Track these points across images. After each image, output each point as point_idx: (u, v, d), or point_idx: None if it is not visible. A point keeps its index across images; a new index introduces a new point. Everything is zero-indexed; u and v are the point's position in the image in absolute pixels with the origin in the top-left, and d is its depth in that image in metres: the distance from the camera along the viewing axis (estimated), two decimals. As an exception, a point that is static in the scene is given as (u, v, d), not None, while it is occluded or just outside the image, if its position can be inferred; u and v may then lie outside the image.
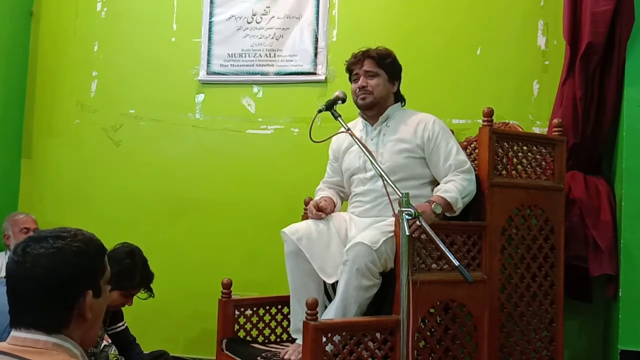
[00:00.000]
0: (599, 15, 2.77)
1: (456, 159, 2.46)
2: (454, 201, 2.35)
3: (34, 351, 1.19)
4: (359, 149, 2.53)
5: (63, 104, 3.84)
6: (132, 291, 2.56)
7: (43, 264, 1.22)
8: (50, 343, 1.20)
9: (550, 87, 3.12)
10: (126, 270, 2.48)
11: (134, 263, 2.54)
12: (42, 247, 1.23)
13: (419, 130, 2.51)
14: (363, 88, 2.53)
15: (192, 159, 3.63)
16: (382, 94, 2.55)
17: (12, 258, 1.26)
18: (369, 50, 2.56)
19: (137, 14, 3.78)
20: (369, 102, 2.54)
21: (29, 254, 1.23)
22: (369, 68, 2.54)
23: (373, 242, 2.24)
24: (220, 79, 3.62)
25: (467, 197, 2.40)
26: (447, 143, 2.49)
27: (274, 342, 2.73)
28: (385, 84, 2.55)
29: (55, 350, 1.20)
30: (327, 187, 2.77)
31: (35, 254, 1.23)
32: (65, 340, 1.23)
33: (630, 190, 2.65)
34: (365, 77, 2.54)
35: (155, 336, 3.34)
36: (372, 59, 2.54)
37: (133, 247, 2.60)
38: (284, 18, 3.55)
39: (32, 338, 1.20)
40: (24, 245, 1.25)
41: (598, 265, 2.74)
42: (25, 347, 1.19)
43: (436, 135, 2.49)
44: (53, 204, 3.78)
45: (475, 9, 3.33)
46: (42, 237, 1.26)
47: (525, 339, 2.52)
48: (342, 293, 2.27)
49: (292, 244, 2.44)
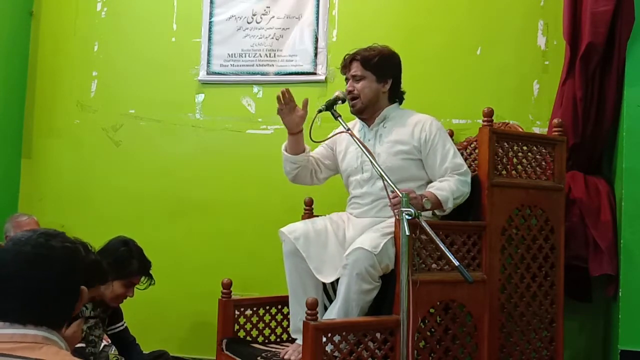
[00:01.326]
0: (599, 15, 2.77)
1: (452, 161, 2.45)
2: (445, 200, 2.34)
3: (22, 346, 1.18)
4: (356, 151, 2.55)
5: (63, 104, 3.83)
6: (133, 279, 2.56)
7: (59, 256, 1.26)
8: (39, 336, 1.21)
9: (550, 87, 3.12)
10: (123, 258, 2.51)
11: (130, 250, 2.56)
12: (65, 241, 1.29)
13: (416, 131, 2.49)
14: (350, 92, 2.52)
15: (192, 159, 3.63)
16: (370, 97, 2.53)
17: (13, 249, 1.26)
18: (356, 53, 2.54)
19: (137, 14, 3.78)
20: (358, 108, 2.54)
21: (54, 248, 1.26)
22: (355, 72, 2.53)
23: (373, 246, 2.23)
24: (220, 79, 3.61)
25: (460, 199, 2.40)
26: (443, 145, 2.47)
27: (274, 342, 2.73)
28: (372, 86, 2.52)
29: (46, 344, 1.21)
30: None
31: (57, 246, 1.27)
32: (52, 334, 1.24)
33: (630, 190, 2.65)
34: (353, 81, 2.53)
35: (155, 336, 3.34)
36: (357, 62, 2.53)
37: (126, 238, 2.62)
38: (284, 18, 3.55)
39: (20, 333, 1.21)
40: (30, 239, 1.26)
41: (598, 265, 2.74)
42: (13, 342, 1.19)
43: (433, 137, 2.47)
44: (53, 204, 3.78)
45: (475, 9, 3.33)
46: (46, 233, 1.30)
47: (525, 339, 2.52)
48: (343, 297, 2.27)
49: (290, 243, 2.44)
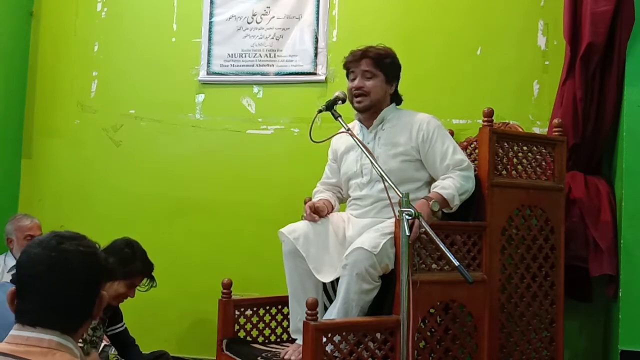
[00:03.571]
0: (599, 15, 2.77)
1: (453, 158, 2.42)
2: (451, 198, 2.33)
3: (37, 351, 1.16)
4: (356, 155, 2.54)
5: (63, 104, 3.84)
6: (135, 280, 2.58)
7: (86, 261, 1.22)
8: (54, 342, 1.18)
9: (551, 87, 3.12)
10: (126, 259, 2.52)
11: (133, 251, 2.58)
12: (80, 245, 1.23)
13: (414, 132, 2.47)
14: (359, 89, 2.48)
15: (192, 159, 3.63)
16: (379, 96, 2.50)
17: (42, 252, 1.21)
18: (368, 50, 2.50)
19: (137, 14, 3.78)
20: (365, 106, 2.50)
21: (67, 251, 1.21)
22: (366, 68, 2.48)
23: (373, 246, 2.22)
24: (221, 79, 3.62)
25: (465, 195, 2.38)
26: (442, 143, 2.44)
27: (274, 342, 2.73)
28: (382, 86, 2.50)
29: (60, 350, 1.18)
30: (324, 189, 2.73)
31: (73, 250, 1.21)
32: (68, 340, 1.21)
33: (630, 190, 2.65)
34: (363, 77, 2.49)
35: (155, 336, 3.34)
36: (370, 59, 2.48)
37: (130, 240, 2.64)
38: (284, 18, 3.55)
39: (36, 337, 1.18)
40: (57, 242, 1.22)
41: (598, 266, 2.74)
42: (28, 346, 1.17)
43: (431, 135, 2.45)
44: (53, 204, 3.78)
45: (476, 9, 3.33)
46: (72, 236, 1.25)
47: (526, 339, 2.51)
48: (343, 297, 2.26)
49: (290, 243, 2.43)
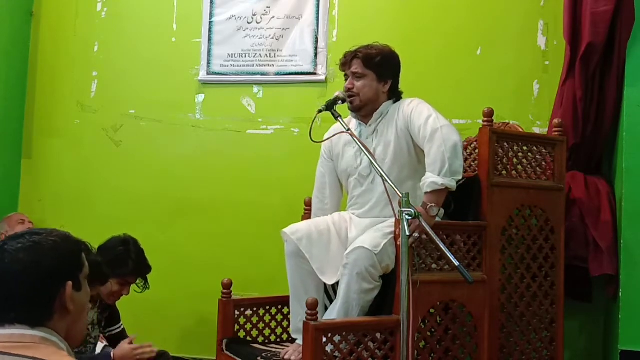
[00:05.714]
0: (599, 15, 2.77)
1: (427, 127, 2.30)
2: (441, 185, 2.23)
3: (21, 346, 1.19)
4: (354, 150, 2.52)
5: (63, 104, 3.83)
6: (128, 279, 2.58)
7: (21, 258, 1.23)
8: (37, 337, 1.21)
9: (551, 87, 3.12)
10: (119, 258, 2.53)
11: (127, 250, 2.58)
12: (19, 243, 1.25)
13: (399, 122, 2.44)
14: (349, 90, 2.47)
15: (192, 159, 3.63)
16: (369, 96, 2.48)
17: (12, 249, 1.27)
18: (358, 50, 2.49)
19: (137, 14, 3.78)
20: (357, 106, 2.49)
21: (7, 251, 1.24)
22: (356, 69, 2.47)
23: (374, 246, 2.22)
24: (221, 79, 3.61)
25: (456, 159, 2.26)
26: (419, 116, 2.36)
27: (274, 342, 2.73)
28: (372, 85, 2.48)
29: (43, 344, 1.21)
30: (318, 209, 2.67)
31: (12, 250, 1.24)
32: (51, 334, 1.23)
33: (630, 190, 2.65)
34: (353, 78, 2.48)
35: (155, 336, 3.33)
36: (359, 60, 2.47)
37: (128, 238, 2.64)
38: (284, 18, 3.55)
39: (18, 333, 1.21)
40: (1, 244, 1.27)
41: (598, 266, 2.74)
42: (12, 342, 1.20)
43: (410, 115, 2.40)
44: (53, 204, 3.78)
45: (475, 9, 3.33)
46: (18, 235, 1.28)
47: (526, 339, 2.52)
48: (343, 296, 2.26)
49: (293, 244, 2.43)
